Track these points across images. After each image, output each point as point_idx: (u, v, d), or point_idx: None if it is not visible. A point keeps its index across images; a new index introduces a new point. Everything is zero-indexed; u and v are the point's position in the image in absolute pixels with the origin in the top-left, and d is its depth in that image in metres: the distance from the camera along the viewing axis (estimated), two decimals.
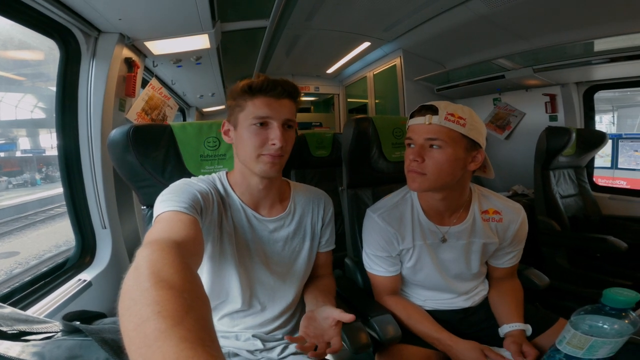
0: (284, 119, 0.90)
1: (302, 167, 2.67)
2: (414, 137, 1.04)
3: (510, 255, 1.20)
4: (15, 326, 0.51)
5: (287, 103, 0.91)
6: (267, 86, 0.89)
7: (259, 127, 0.89)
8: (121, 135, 1.07)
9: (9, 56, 2.31)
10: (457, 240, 1.13)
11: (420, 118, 1.03)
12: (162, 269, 0.50)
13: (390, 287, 1.19)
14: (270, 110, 0.89)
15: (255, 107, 0.89)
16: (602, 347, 0.64)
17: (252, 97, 0.90)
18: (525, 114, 3.28)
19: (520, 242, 1.19)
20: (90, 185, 1.71)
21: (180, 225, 0.72)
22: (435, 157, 1.00)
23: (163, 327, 0.39)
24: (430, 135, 1.00)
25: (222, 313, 1.02)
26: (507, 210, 1.15)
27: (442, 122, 0.98)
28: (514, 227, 1.15)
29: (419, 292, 1.21)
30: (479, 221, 1.14)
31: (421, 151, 1.02)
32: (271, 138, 0.89)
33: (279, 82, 0.90)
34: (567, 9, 2.21)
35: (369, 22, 2.96)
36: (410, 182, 1.06)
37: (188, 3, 1.57)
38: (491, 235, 1.14)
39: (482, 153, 1.05)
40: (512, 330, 1.07)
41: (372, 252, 1.18)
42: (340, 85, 5.36)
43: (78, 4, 1.40)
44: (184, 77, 3.14)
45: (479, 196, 1.17)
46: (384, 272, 1.16)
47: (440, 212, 1.14)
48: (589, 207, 2.64)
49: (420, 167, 1.02)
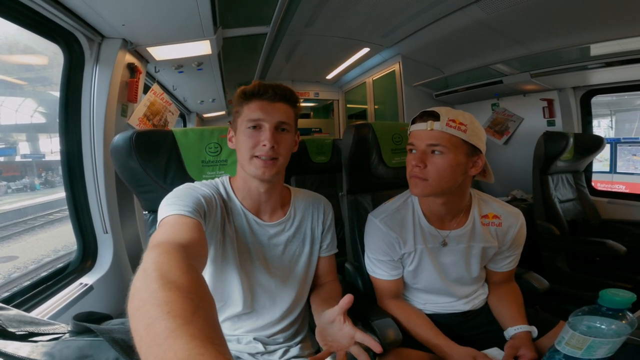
0: (276, 121, 0.92)
1: (302, 173, 2.67)
2: (415, 143, 1.05)
3: (509, 260, 1.20)
4: (23, 327, 0.52)
5: (281, 106, 0.94)
6: (258, 90, 0.93)
7: (252, 129, 0.92)
8: (124, 141, 1.08)
9: (14, 60, 2.32)
10: (457, 244, 1.14)
11: (422, 124, 1.04)
12: (170, 271, 0.51)
13: (393, 291, 1.19)
14: (263, 113, 0.92)
15: (249, 111, 0.93)
16: (601, 347, 0.65)
17: (247, 102, 0.94)
18: (524, 119, 3.31)
19: (518, 246, 1.20)
20: (92, 190, 1.71)
21: (185, 229, 0.73)
22: (437, 162, 1.01)
23: (173, 326, 0.40)
24: (432, 141, 1.01)
25: (224, 316, 1.02)
26: (507, 214, 1.16)
27: (444, 128, 1.00)
28: (513, 231, 1.16)
29: (419, 295, 1.22)
30: (479, 225, 1.15)
31: (423, 157, 1.03)
32: (262, 139, 0.91)
33: (270, 85, 0.93)
34: (563, 15, 2.24)
35: (368, 28, 2.99)
36: (413, 187, 1.07)
37: (190, 9, 1.59)
38: (490, 240, 1.15)
39: (483, 158, 1.06)
40: (517, 333, 1.07)
41: (374, 257, 1.18)
42: (339, 91, 5.39)
43: (82, 9, 1.42)
44: (185, 83, 3.16)
45: (478, 201, 1.18)
46: (387, 275, 1.17)
47: (441, 216, 1.15)
48: (588, 211, 2.65)
49: (423, 173, 1.03)
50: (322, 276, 1.15)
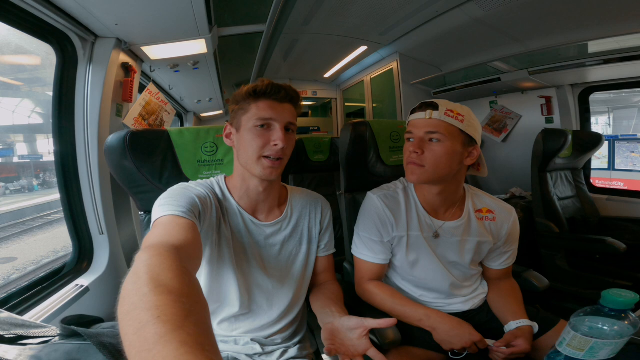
0: (286, 121, 0.93)
1: (300, 172, 2.67)
2: (414, 131, 1.07)
3: (506, 256, 1.21)
4: (12, 330, 0.51)
5: (289, 107, 0.94)
6: (271, 90, 0.92)
7: (261, 128, 0.91)
8: (118, 141, 1.07)
9: (6, 61, 2.30)
10: (452, 236, 1.15)
11: (421, 113, 1.07)
12: (161, 274, 0.50)
13: (375, 274, 1.19)
14: (274, 112, 0.91)
15: (259, 109, 0.91)
16: (603, 348, 0.64)
17: (257, 100, 0.92)
18: (522, 116, 3.30)
19: (514, 241, 1.21)
20: (87, 190, 1.70)
21: (179, 230, 0.72)
22: (435, 149, 1.04)
23: (163, 331, 0.39)
24: (430, 128, 1.04)
25: (221, 317, 1.01)
26: (500, 209, 1.18)
27: (442, 117, 1.03)
28: (508, 226, 1.17)
29: (416, 291, 1.20)
30: (474, 219, 1.16)
31: (421, 144, 1.05)
32: (273, 139, 0.91)
33: (282, 86, 0.93)
34: (561, 12, 2.24)
35: (366, 26, 2.98)
36: (409, 174, 1.09)
37: (184, 7, 1.57)
38: (486, 235, 1.15)
39: (478, 149, 1.08)
40: (519, 327, 1.07)
41: (365, 235, 1.17)
42: (337, 90, 5.38)
43: (74, 8, 1.40)
44: (182, 82, 3.14)
45: (472, 195, 1.20)
46: (373, 258, 1.17)
47: (436, 207, 1.16)
48: (587, 208, 2.65)
49: (420, 159, 1.05)
50: (320, 276, 1.14)
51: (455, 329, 1.02)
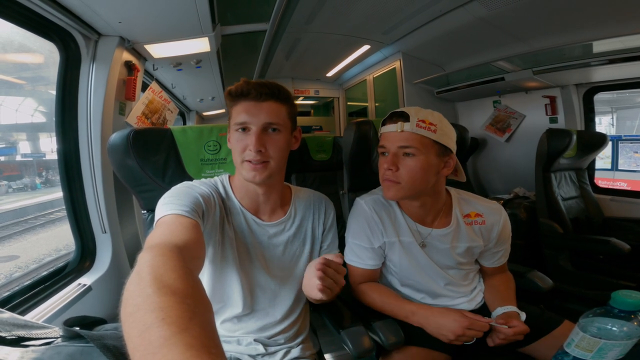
0: (262, 123, 0.88)
1: (303, 171, 2.66)
2: (387, 146, 1.05)
3: (499, 255, 1.20)
4: (14, 331, 0.51)
5: (269, 105, 0.89)
6: (242, 91, 0.88)
7: (241, 132, 0.89)
8: (121, 139, 1.07)
9: (9, 59, 2.30)
10: (441, 244, 1.13)
11: (392, 125, 1.04)
12: (165, 274, 0.50)
13: (365, 278, 1.18)
14: (248, 115, 0.88)
15: (236, 113, 0.89)
16: (611, 349, 0.64)
17: (234, 103, 0.90)
18: (526, 116, 3.28)
19: (505, 241, 1.19)
20: (90, 189, 1.70)
21: (182, 229, 0.71)
22: (409, 165, 1.02)
23: (168, 334, 0.39)
24: (402, 142, 1.02)
25: (224, 317, 1.01)
26: (489, 211, 1.16)
27: (414, 129, 1.00)
28: (498, 228, 1.15)
29: (417, 294, 1.19)
30: (463, 225, 1.14)
31: (395, 159, 1.03)
32: (248, 144, 0.88)
33: (254, 84, 0.88)
34: (566, 11, 2.22)
35: (369, 25, 2.97)
36: (386, 191, 1.08)
37: (188, 6, 1.57)
38: (476, 239, 1.14)
39: (454, 158, 1.07)
40: (506, 312, 1.07)
41: (355, 242, 1.16)
42: (340, 89, 5.37)
43: (78, 7, 1.40)
44: (184, 81, 3.14)
45: (458, 200, 1.17)
46: (360, 264, 1.16)
47: (422, 216, 1.14)
48: (591, 209, 2.63)
49: (395, 176, 1.03)
50: None
51: (439, 319, 1.01)
